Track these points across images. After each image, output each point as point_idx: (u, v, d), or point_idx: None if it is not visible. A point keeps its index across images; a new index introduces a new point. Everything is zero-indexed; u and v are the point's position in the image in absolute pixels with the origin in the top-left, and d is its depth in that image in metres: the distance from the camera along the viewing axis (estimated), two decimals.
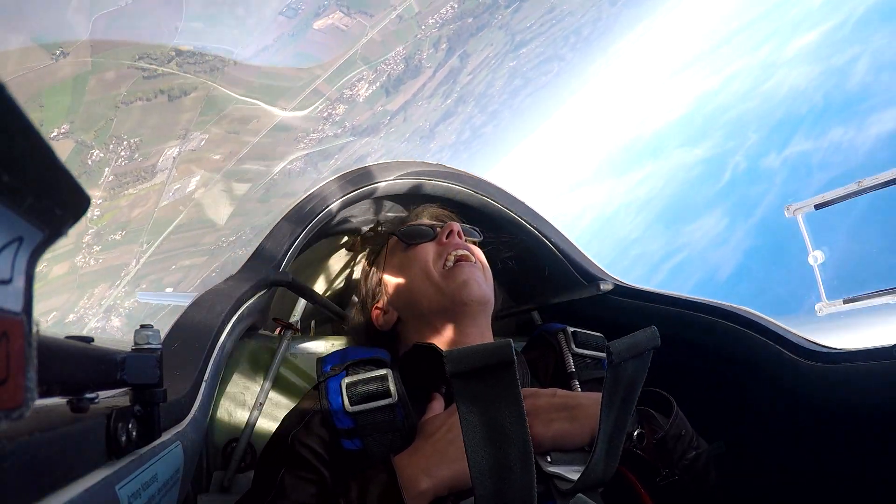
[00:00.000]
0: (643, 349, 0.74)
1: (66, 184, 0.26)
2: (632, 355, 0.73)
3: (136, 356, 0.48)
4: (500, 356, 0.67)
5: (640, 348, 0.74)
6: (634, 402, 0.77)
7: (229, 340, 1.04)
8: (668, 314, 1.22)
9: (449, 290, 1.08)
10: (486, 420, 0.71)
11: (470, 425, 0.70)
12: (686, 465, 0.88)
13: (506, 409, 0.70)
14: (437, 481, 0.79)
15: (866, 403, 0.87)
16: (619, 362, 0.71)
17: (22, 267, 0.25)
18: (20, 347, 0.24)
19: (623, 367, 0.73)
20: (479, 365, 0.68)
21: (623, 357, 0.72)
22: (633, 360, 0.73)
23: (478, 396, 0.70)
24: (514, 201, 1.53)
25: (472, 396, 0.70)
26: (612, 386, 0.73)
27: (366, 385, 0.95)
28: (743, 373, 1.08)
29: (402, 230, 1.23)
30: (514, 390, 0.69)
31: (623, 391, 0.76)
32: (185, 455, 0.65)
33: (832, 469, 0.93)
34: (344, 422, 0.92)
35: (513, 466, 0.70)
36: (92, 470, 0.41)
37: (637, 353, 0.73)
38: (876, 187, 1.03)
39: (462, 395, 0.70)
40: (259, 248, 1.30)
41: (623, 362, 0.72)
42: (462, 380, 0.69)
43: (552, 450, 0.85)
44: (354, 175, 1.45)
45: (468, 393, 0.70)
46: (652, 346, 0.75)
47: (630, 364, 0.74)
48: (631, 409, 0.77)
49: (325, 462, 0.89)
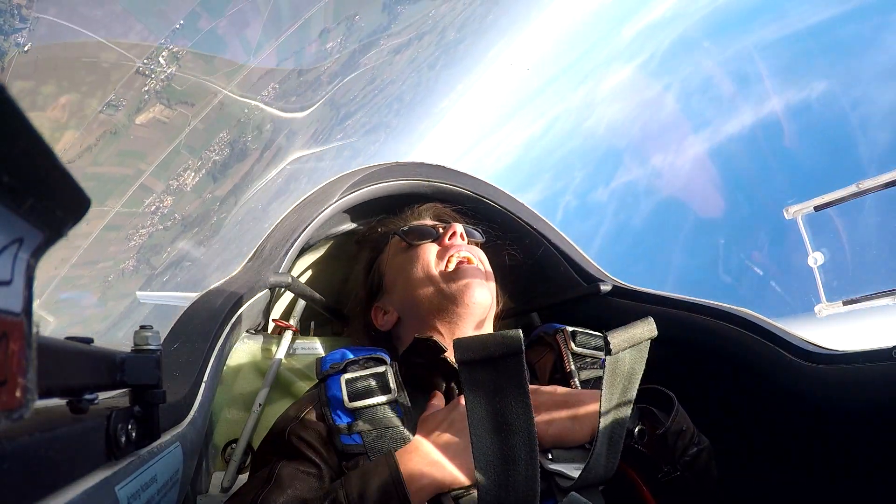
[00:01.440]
0: (640, 339, 0.74)
1: (66, 185, 0.26)
2: (630, 345, 0.73)
3: (135, 357, 0.48)
4: (508, 345, 0.67)
5: (637, 339, 0.74)
6: (634, 395, 0.77)
7: (229, 341, 1.04)
8: (667, 315, 1.22)
9: (450, 292, 1.08)
10: (492, 410, 0.71)
11: (476, 415, 0.70)
12: (688, 461, 0.88)
13: (512, 400, 0.70)
14: (438, 476, 0.79)
15: (866, 405, 0.87)
16: (618, 352, 0.71)
17: (22, 268, 0.25)
18: (20, 348, 0.24)
19: (621, 359, 0.73)
20: (487, 354, 0.68)
21: (621, 347, 0.72)
22: (631, 350, 0.73)
23: (485, 386, 0.70)
24: (515, 203, 1.53)
25: (478, 385, 0.70)
26: (611, 377, 0.73)
27: (365, 381, 0.95)
28: (742, 374, 1.08)
29: (404, 230, 1.23)
30: (521, 380, 0.69)
31: (622, 383, 0.76)
32: (185, 456, 0.65)
33: (832, 470, 0.93)
34: (343, 417, 0.92)
35: (518, 458, 0.70)
36: (91, 471, 0.41)
37: (634, 344, 0.73)
38: (876, 189, 1.03)
39: (469, 384, 0.70)
40: (259, 249, 1.30)
41: (621, 352, 0.72)
42: (469, 368, 0.69)
43: (553, 447, 0.85)
44: (355, 177, 1.45)
45: (475, 382, 0.70)
46: (649, 336, 0.75)
47: (628, 354, 0.74)
48: (630, 401, 0.77)
49: (322, 456, 0.89)
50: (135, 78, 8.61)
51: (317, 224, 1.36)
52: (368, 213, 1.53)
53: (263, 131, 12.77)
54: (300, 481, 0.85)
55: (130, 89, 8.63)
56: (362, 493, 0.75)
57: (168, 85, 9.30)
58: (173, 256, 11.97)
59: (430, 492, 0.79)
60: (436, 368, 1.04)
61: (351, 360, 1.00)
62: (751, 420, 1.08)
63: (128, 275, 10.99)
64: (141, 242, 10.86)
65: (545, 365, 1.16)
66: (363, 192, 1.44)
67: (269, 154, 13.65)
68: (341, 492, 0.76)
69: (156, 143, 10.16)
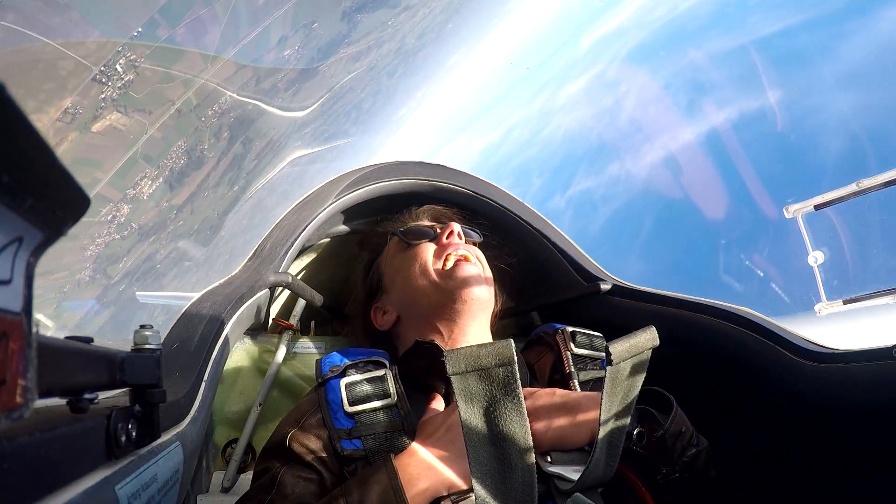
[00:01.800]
0: (642, 349, 0.74)
1: (65, 184, 0.26)
2: (631, 356, 0.73)
3: (135, 357, 0.48)
4: (500, 356, 0.68)
5: (638, 348, 0.73)
6: (634, 402, 0.77)
7: (229, 341, 1.04)
8: (667, 314, 1.22)
9: (448, 289, 1.08)
10: (487, 420, 0.71)
11: (470, 425, 0.70)
12: (686, 462, 0.88)
13: (506, 409, 0.70)
14: (436, 481, 0.79)
15: (866, 404, 0.87)
16: (619, 363, 0.71)
17: (22, 267, 0.25)
18: (20, 348, 0.24)
19: (622, 368, 0.73)
20: (479, 365, 0.68)
21: (622, 357, 0.72)
22: (633, 359, 0.73)
23: (478, 396, 0.70)
24: (514, 202, 1.53)
25: (472, 396, 0.70)
26: (611, 386, 0.73)
27: (365, 385, 0.96)
28: (742, 373, 1.08)
29: (402, 230, 1.23)
30: (515, 390, 0.69)
31: (622, 391, 0.76)
32: (185, 455, 0.65)
33: (832, 469, 0.93)
34: (343, 422, 0.92)
35: (514, 466, 0.70)
36: (92, 470, 0.41)
37: (636, 354, 0.73)
38: (876, 188, 1.03)
39: (462, 396, 0.70)
40: (259, 249, 1.30)
41: (622, 363, 0.72)
42: (462, 379, 0.69)
43: (552, 450, 0.85)
44: (354, 177, 1.45)
45: (468, 393, 0.70)
46: (651, 346, 0.75)
47: (629, 364, 0.74)
48: (630, 408, 0.77)
49: (323, 462, 0.90)
50: (91, 85, 8.58)
51: (316, 224, 1.36)
52: (368, 213, 1.53)
53: (220, 139, 12.73)
54: (301, 488, 0.85)
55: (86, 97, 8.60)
56: (362, 500, 0.76)
57: (125, 93, 9.26)
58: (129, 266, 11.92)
59: (428, 496, 0.79)
60: (435, 371, 1.04)
61: (350, 363, 1.01)
62: (751, 419, 1.08)
63: (84, 285, 10.94)
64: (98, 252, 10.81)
65: (545, 365, 1.16)
66: (362, 192, 1.44)
67: (225, 161, 13.61)
68: (341, 500, 0.77)
69: (112, 151, 10.12)
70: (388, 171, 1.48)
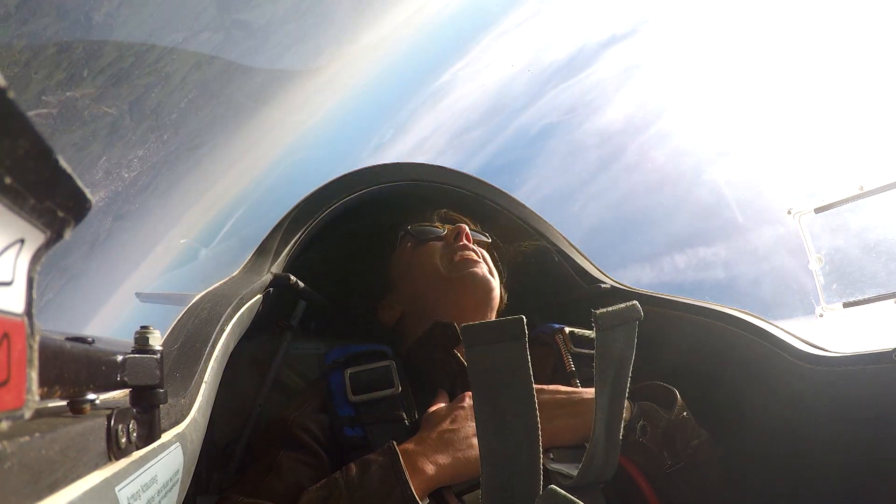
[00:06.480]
0: (628, 318, 0.75)
1: (67, 186, 0.26)
2: (618, 322, 0.74)
3: (136, 357, 0.48)
4: (514, 329, 0.70)
5: (624, 317, 0.75)
6: (626, 383, 0.77)
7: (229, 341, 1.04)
8: (667, 316, 1.22)
9: (455, 286, 1.10)
10: (497, 398, 0.71)
11: (482, 400, 0.71)
12: (690, 453, 0.88)
13: (517, 386, 0.71)
14: (440, 468, 0.79)
15: (866, 407, 0.87)
16: (608, 328, 0.72)
17: (23, 269, 0.25)
18: (21, 349, 0.24)
19: (612, 336, 0.74)
20: (493, 338, 0.69)
21: (610, 323, 0.73)
22: (621, 328, 0.74)
23: (491, 373, 0.71)
24: (515, 204, 1.54)
25: (485, 371, 0.71)
26: (602, 357, 0.74)
27: (368, 375, 0.97)
28: (742, 376, 1.08)
29: (411, 229, 1.26)
30: (525, 367, 0.70)
31: (614, 366, 0.76)
32: (185, 456, 0.65)
33: (832, 472, 0.93)
34: (346, 409, 0.93)
35: (521, 448, 0.71)
36: (92, 471, 0.41)
37: (623, 321, 0.74)
38: (878, 191, 1.03)
39: (476, 370, 0.70)
40: (260, 249, 1.30)
41: (612, 329, 0.73)
42: (477, 353, 0.70)
43: (555, 446, 0.85)
44: (357, 177, 1.45)
45: (482, 368, 0.71)
46: (636, 318, 0.76)
47: (619, 333, 0.75)
48: (624, 391, 0.77)
49: (323, 447, 0.90)
50: None
51: (318, 224, 1.37)
52: (370, 214, 1.53)
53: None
54: (300, 471, 0.86)
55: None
56: (362, 480, 0.75)
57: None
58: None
59: (430, 485, 0.79)
60: (444, 362, 1.05)
61: (354, 354, 1.02)
62: (751, 422, 1.08)
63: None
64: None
65: (545, 365, 1.17)
66: (364, 193, 1.44)
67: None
68: (341, 479, 0.76)
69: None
70: (390, 173, 1.48)
